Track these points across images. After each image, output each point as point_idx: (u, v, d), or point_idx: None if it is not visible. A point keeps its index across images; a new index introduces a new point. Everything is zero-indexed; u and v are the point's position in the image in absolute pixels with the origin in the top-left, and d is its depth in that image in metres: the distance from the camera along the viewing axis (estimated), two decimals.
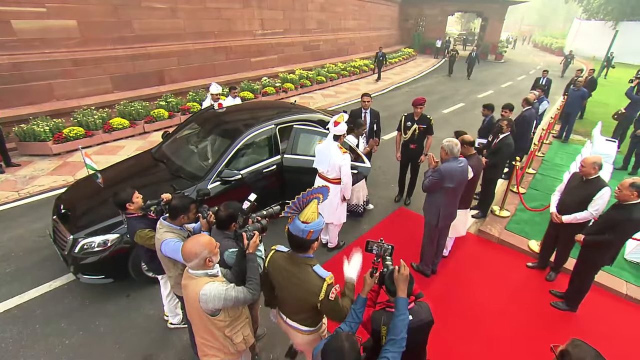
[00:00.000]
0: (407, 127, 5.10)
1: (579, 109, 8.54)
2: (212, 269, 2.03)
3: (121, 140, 7.82)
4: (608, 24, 26.88)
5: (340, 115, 3.93)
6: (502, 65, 22.83)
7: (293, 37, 14.51)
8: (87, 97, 8.17)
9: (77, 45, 7.84)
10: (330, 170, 3.95)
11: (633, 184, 3.09)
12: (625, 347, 3.43)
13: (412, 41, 24.85)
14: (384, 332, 1.86)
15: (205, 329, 2.06)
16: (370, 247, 2.03)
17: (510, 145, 4.69)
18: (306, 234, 1.96)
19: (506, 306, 3.81)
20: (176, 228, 2.59)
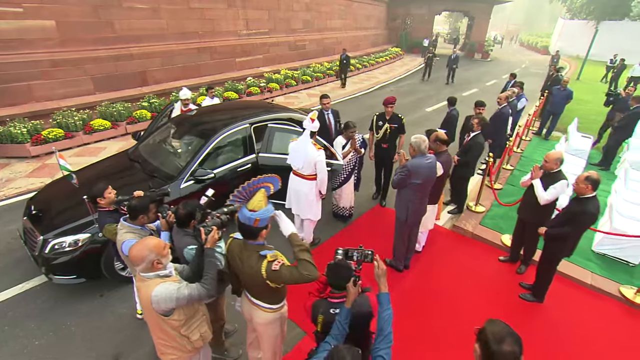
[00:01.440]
0: (379, 126, 5.14)
1: (563, 108, 8.72)
2: (163, 270, 2.04)
3: (102, 142, 7.77)
4: (590, 24, 27.41)
5: (315, 113, 4.00)
6: (488, 64, 23.14)
7: (278, 37, 14.53)
8: (67, 98, 8.08)
9: (56, 45, 7.76)
10: (305, 167, 4.00)
11: (588, 178, 3.20)
12: (587, 334, 3.55)
13: (400, 40, 25.02)
14: (319, 320, 1.93)
15: (161, 329, 2.09)
16: (351, 254, 2.03)
17: (482, 143, 4.79)
18: (252, 221, 2.03)
19: (476, 299, 3.90)
20: (137, 228, 2.61)
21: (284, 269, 2.01)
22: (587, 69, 19.85)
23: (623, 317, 3.81)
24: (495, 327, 1.51)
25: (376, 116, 5.21)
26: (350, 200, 5.10)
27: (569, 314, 3.81)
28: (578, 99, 13.60)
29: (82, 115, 7.62)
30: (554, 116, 8.64)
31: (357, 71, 16.85)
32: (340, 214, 5.16)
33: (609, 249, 4.57)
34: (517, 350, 1.44)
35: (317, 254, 4.37)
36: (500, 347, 1.43)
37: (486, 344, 1.48)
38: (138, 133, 5.56)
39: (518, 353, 1.44)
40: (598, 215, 3.29)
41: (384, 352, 1.74)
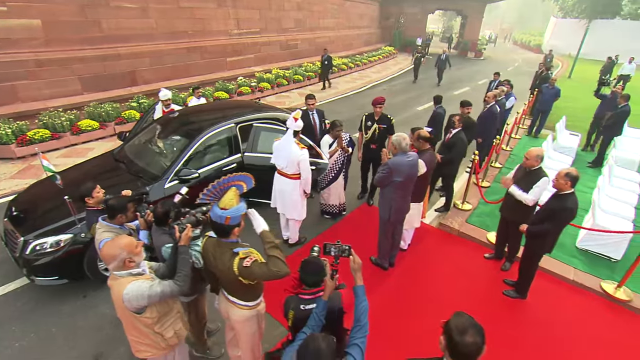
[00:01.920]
0: (368, 126, 5.16)
1: (551, 106, 8.84)
2: (136, 268, 2.06)
3: (90, 143, 7.73)
4: (582, 22, 27.71)
5: (298, 112, 4.02)
6: (481, 63, 23.31)
7: (270, 36, 14.53)
8: (54, 98, 8.04)
9: (41, 45, 7.71)
10: (289, 166, 4.03)
11: (567, 174, 3.26)
12: (568, 329, 3.62)
13: (393, 39, 25.12)
14: (290, 315, 1.98)
15: (134, 327, 2.11)
16: (329, 250, 2.07)
17: (464, 140, 4.86)
18: (224, 219, 2.07)
19: (461, 296, 3.95)
20: (115, 227, 2.63)
21: (255, 266, 2.04)
22: (579, 67, 20.06)
23: (603, 312, 3.88)
24: (459, 319, 1.55)
25: (365, 116, 5.23)
26: (340, 197, 5.13)
27: (551, 309, 3.87)
28: (568, 97, 13.77)
29: (70, 116, 7.58)
30: (543, 114, 8.75)
31: (350, 70, 16.91)
32: (330, 211, 5.18)
33: (592, 245, 4.65)
34: (479, 341, 1.48)
35: (304, 253, 4.43)
36: (463, 337, 1.47)
37: (450, 335, 1.52)
38: (124, 133, 5.56)
39: (480, 343, 1.48)
40: (577, 211, 3.35)
41: (359, 340, 1.79)
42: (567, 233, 4.91)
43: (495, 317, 3.74)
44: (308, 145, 4.84)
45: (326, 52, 13.26)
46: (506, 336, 3.50)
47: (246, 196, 4.95)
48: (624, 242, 4.43)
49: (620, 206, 5.06)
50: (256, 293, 2.40)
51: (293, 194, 4.12)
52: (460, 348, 1.48)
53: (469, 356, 1.49)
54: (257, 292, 2.40)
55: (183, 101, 9.53)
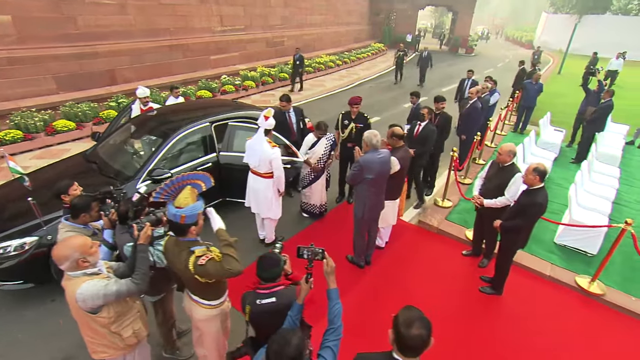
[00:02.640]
0: (345, 125, 5.22)
1: (535, 102, 9.01)
2: (91, 268, 2.08)
3: (67, 144, 7.67)
4: (573, 18, 28.19)
5: (269, 110, 4.07)
6: (471, 59, 23.57)
7: (255, 33, 14.55)
8: (27, 98, 7.97)
9: (13, 42, 7.64)
10: (261, 165, 4.07)
11: (535, 169, 3.36)
12: (543, 324, 3.72)
13: (383, 36, 25.28)
14: (247, 310, 2.03)
15: (89, 328, 2.14)
16: (302, 253, 2.10)
17: (434, 132, 4.99)
18: (179, 218, 2.10)
19: (438, 294, 4.03)
20: (78, 227, 2.65)
21: (210, 264, 2.08)
22: (569, 62, 20.40)
23: (577, 306, 3.99)
24: (406, 313, 1.61)
25: (342, 115, 5.30)
26: (322, 197, 5.17)
27: (526, 305, 3.97)
28: (556, 93, 14.06)
29: (44, 116, 7.52)
30: (528, 110, 8.91)
31: (337, 67, 16.98)
32: (310, 210, 5.23)
33: (569, 240, 4.77)
34: (424, 334, 1.54)
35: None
36: (409, 330, 1.53)
37: (397, 329, 1.57)
38: (97, 134, 5.54)
39: (425, 336, 1.54)
40: (547, 206, 3.45)
41: (332, 343, 1.84)
42: (548, 229, 5.04)
43: (471, 313, 3.82)
44: (283, 144, 4.90)
45: (298, 51, 12.72)
46: (481, 332, 3.59)
47: (224, 196, 5.04)
48: (599, 237, 4.56)
49: (598, 201, 5.19)
50: (218, 292, 2.44)
51: (266, 193, 4.16)
52: (406, 341, 1.54)
53: (414, 349, 1.56)
54: (219, 291, 2.44)
55: (165, 100, 9.51)
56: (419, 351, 1.57)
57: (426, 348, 1.57)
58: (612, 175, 6.17)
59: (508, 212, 3.73)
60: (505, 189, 3.84)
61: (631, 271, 4.42)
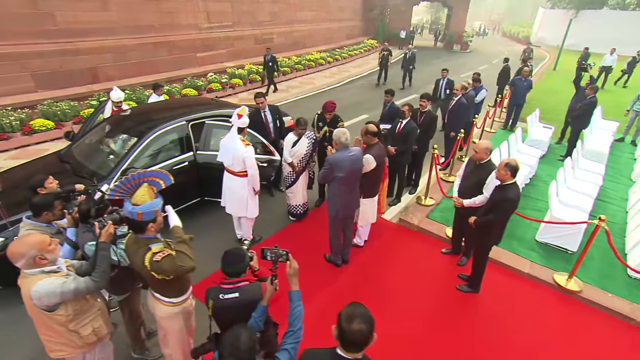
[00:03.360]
0: (319, 127, 5.32)
1: (525, 99, 9.12)
2: (50, 265, 2.12)
3: (45, 144, 7.67)
4: (570, 13, 28.46)
5: (242, 108, 4.12)
6: (466, 55, 23.75)
7: (243, 30, 14.58)
8: (3, 96, 7.95)
9: None
10: (234, 164, 4.12)
11: (507, 165, 3.43)
12: (521, 321, 3.81)
13: (376, 32, 25.39)
14: (210, 304, 2.09)
15: (46, 326, 2.18)
16: (265, 254, 2.17)
17: (416, 129, 5.08)
18: (135, 215, 2.16)
19: (416, 293, 4.11)
20: (41, 225, 2.69)
21: (164, 261, 2.13)
22: (565, 58, 20.60)
23: (555, 303, 4.08)
24: (349, 308, 1.66)
25: (317, 116, 5.40)
26: (303, 196, 5.20)
27: (505, 303, 4.05)
28: (550, 90, 14.22)
29: (20, 115, 7.51)
30: (517, 107, 9.02)
31: (328, 65, 17.06)
32: (295, 212, 5.25)
33: (549, 237, 4.87)
34: (364, 329, 1.59)
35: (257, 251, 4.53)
36: (350, 325, 1.58)
37: (340, 323, 1.63)
38: (71, 133, 5.57)
39: (366, 331, 1.59)
40: (518, 202, 3.53)
41: (290, 346, 1.88)
42: (530, 227, 5.15)
43: (449, 311, 3.90)
44: (260, 142, 4.96)
45: (269, 51, 11.99)
46: (459, 330, 3.67)
47: (203, 195, 5.08)
48: (579, 234, 4.65)
49: (579, 198, 5.29)
50: (179, 290, 2.49)
51: (240, 192, 4.21)
52: (347, 335, 1.59)
53: (356, 343, 1.61)
54: (180, 289, 2.50)
55: (148, 98, 9.52)
56: (361, 346, 1.62)
57: (368, 344, 1.62)
58: (597, 172, 6.28)
59: (482, 209, 3.82)
60: (483, 186, 3.91)
61: (609, 268, 4.52)
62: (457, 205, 4.14)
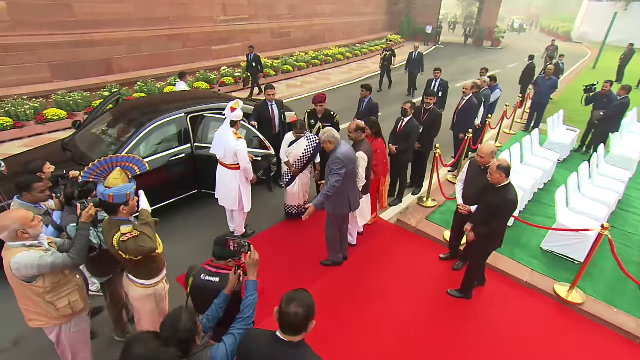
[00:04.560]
0: (311, 125, 5.33)
1: (548, 99, 8.88)
2: (31, 240, 2.35)
3: (57, 133, 8.15)
4: (619, 5, 27.19)
5: (236, 102, 4.31)
6: (497, 52, 23.19)
7: (260, 23, 14.87)
8: (20, 86, 8.54)
9: (7, 29, 8.19)
10: (226, 156, 4.31)
11: (499, 167, 3.41)
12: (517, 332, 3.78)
13: (401, 27, 25.19)
14: (190, 281, 2.29)
15: (24, 296, 2.41)
16: (229, 245, 2.31)
17: (417, 128, 5.09)
18: (107, 197, 2.37)
19: (407, 295, 4.15)
20: (29, 205, 2.96)
21: (130, 241, 2.32)
22: (608, 56, 19.73)
23: (552, 314, 4.02)
24: (290, 293, 1.79)
25: (308, 114, 5.42)
26: (299, 199, 5.20)
27: (497, 309, 4.04)
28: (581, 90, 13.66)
29: (35, 104, 8.03)
30: (539, 108, 8.79)
31: (347, 60, 17.12)
32: (287, 211, 5.34)
33: (555, 246, 4.78)
34: (300, 312, 1.71)
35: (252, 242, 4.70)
36: (287, 307, 1.71)
37: (280, 305, 1.76)
38: (78, 122, 5.93)
39: (301, 315, 1.71)
40: (517, 202, 3.52)
41: (237, 331, 2.01)
42: (537, 234, 5.06)
43: (438, 314, 3.94)
44: (255, 136, 5.14)
45: (252, 50, 11.13)
46: (448, 335, 3.71)
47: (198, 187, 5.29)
48: (586, 243, 4.52)
49: (593, 206, 5.15)
50: (150, 272, 2.68)
51: (231, 184, 4.39)
52: (284, 317, 1.72)
53: (291, 326, 1.73)
54: (150, 272, 2.69)
55: (160, 91, 9.95)
56: (297, 330, 1.73)
57: (304, 328, 1.74)
58: (620, 179, 6.06)
59: (478, 216, 3.77)
60: None
61: (619, 281, 4.38)
62: (465, 212, 4.08)
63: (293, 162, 4.92)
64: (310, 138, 4.89)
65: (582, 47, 28.44)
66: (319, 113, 5.28)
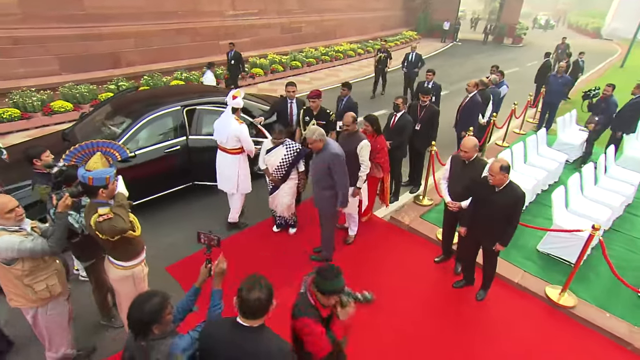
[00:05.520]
0: (306, 122, 5.28)
1: (561, 97, 8.77)
2: (13, 226, 2.56)
3: (64, 124, 8.48)
4: None
5: (237, 91, 4.65)
6: (517, 50, 22.86)
7: (269, 18, 15.09)
8: (28, 78, 8.95)
9: (17, 22, 8.61)
10: (228, 141, 4.58)
11: (502, 167, 3.37)
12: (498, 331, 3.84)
13: (417, 23, 25.07)
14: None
15: (6, 277, 2.62)
16: (199, 238, 2.45)
17: (411, 122, 5.17)
18: (86, 180, 2.54)
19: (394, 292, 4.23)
20: None
21: (105, 222, 2.49)
22: (636, 53, 19.22)
23: (540, 316, 4.04)
24: (249, 280, 1.90)
25: (303, 110, 5.38)
26: (284, 210, 4.85)
27: (489, 312, 4.09)
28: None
29: (42, 96, 8.42)
30: (551, 107, 8.69)
31: (358, 57, 17.19)
32: (278, 222, 5.10)
33: (551, 248, 4.79)
34: (262, 297, 1.82)
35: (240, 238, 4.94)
36: (249, 294, 1.82)
37: (240, 293, 1.86)
38: (84, 113, 6.24)
39: (264, 299, 1.83)
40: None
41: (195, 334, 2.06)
42: (534, 236, 5.06)
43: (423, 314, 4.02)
44: (250, 123, 5.39)
45: (232, 47, 10.80)
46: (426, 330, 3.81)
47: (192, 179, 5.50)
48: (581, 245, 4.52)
49: (595, 208, 5.12)
50: (127, 254, 2.86)
51: (232, 168, 4.69)
52: (245, 303, 1.83)
53: (254, 311, 1.83)
54: (128, 253, 2.86)
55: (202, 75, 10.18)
56: (258, 314, 1.85)
57: (266, 311, 1.86)
58: (629, 182, 5.98)
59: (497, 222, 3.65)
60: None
61: (615, 285, 4.35)
62: (455, 209, 4.09)
63: (272, 171, 4.58)
64: (289, 145, 4.53)
65: (612, 44, 27.73)
66: (314, 110, 5.24)
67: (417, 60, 10.88)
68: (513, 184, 3.52)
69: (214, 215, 5.28)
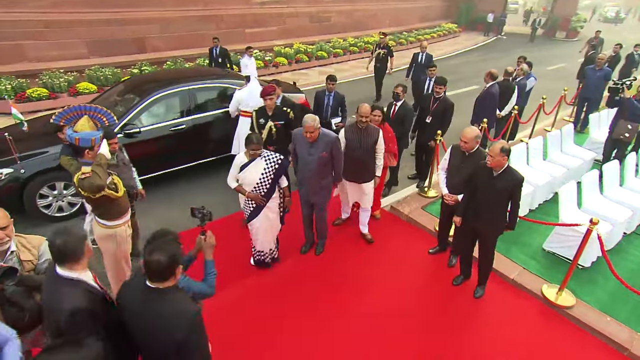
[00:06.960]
0: (261, 125, 4.71)
1: (600, 92, 8.44)
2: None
3: None
4: None
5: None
6: (568, 45, 21.87)
7: (297, 6, 15.44)
8: (59, 60, 9.79)
9: (47, 6, 9.46)
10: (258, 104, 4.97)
11: (502, 149, 3.42)
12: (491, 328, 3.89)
13: (459, 15, 24.58)
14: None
15: None
16: (194, 213, 2.67)
17: (411, 111, 5.24)
18: (73, 140, 2.88)
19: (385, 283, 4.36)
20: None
21: (85, 180, 2.84)
22: None
23: (533, 316, 4.04)
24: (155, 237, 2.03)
25: (256, 112, 4.78)
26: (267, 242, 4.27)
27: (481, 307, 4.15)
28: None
29: (69, 78, 9.19)
30: (588, 103, 8.37)
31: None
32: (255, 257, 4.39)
33: (557, 247, 4.73)
34: (162, 259, 1.91)
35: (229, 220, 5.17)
36: (150, 256, 1.93)
37: (144, 255, 1.99)
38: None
39: (164, 262, 1.92)
40: None
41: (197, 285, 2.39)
42: (541, 234, 5.01)
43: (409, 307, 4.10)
44: None
45: (217, 43, 10.12)
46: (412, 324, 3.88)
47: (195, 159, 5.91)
48: (591, 245, 4.43)
49: (613, 208, 4.99)
50: (110, 213, 3.21)
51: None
52: (147, 265, 1.94)
53: (157, 273, 1.95)
54: (111, 212, 3.21)
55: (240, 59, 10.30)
56: (162, 276, 1.95)
57: (170, 274, 1.97)
58: None
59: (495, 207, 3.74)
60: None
61: (622, 290, 4.22)
62: (451, 202, 4.18)
63: (251, 189, 3.89)
64: (269, 157, 3.86)
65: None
66: (268, 109, 4.70)
67: (428, 63, 8.57)
68: (512, 169, 3.58)
69: (212, 194, 5.66)
